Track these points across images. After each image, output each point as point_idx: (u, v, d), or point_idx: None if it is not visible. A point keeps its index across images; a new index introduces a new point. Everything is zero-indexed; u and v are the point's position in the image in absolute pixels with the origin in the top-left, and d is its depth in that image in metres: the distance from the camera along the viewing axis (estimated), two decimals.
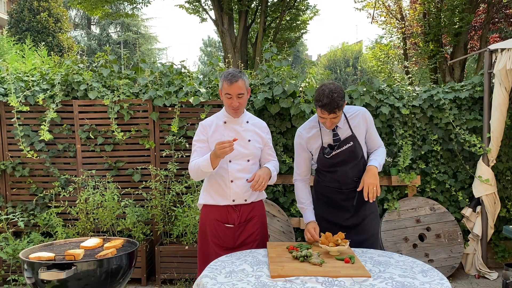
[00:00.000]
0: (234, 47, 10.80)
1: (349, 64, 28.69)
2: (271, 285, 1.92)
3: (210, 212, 2.64)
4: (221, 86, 2.57)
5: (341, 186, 2.72)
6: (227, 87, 2.52)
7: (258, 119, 2.78)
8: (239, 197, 2.60)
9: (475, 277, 4.22)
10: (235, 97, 2.53)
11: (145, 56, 22.02)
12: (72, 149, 4.29)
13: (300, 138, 2.74)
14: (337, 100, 2.43)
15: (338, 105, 2.44)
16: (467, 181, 4.42)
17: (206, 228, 2.65)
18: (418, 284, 1.93)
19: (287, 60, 4.60)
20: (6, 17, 18.99)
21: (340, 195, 2.73)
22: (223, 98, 2.58)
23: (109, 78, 4.45)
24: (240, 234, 2.64)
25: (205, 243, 2.66)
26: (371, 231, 2.75)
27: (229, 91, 2.52)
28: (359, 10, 12.82)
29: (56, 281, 2.49)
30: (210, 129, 2.63)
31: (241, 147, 2.60)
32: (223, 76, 2.55)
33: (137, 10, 19.19)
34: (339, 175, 2.71)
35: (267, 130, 2.76)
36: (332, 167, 2.71)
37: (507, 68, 3.91)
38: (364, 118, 2.68)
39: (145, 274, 4.05)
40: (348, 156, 2.66)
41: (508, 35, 10.63)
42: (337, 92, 2.45)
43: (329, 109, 2.44)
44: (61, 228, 4.00)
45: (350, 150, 2.65)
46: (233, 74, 2.53)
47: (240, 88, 2.52)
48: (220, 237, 2.62)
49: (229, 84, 2.51)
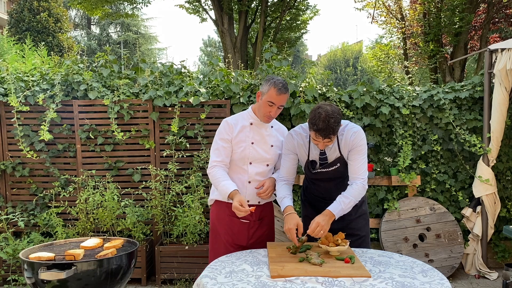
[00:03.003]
0: (234, 47, 10.80)
1: (349, 64, 28.68)
2: (271, 285, 1.92)
3: (223, 209, 2.62)
4: (267, 91, 2.50)
5: (324, 197, 2.70)
6: (275, 96, 2.47)
7: (280, 124, 2.80)
8: (254, 198, 2.64)
9: (475, 277, 4.22)
10: (276, 108, 2.51)
11: (145, 56, 22.03)
12: (72, 149, 4.28)
13: (291, 139, 2.64)
14: (333, 125, 2.33)
15: (333, 130, 2.34)
16: (467, 181, 4.42)
17: (217, 226, 2.63)
18: (418, 284, 1.93)
19: (287, 60, 4.60)
20: (6, 17, 18.98)
21: (323, 204, 2.64)
22: (263, 103, 2.52)
23: (109, 78, 4.45)
24: (254, 232, 2.67)
25: (217, 241, 2.64)
26: (358, 233, 2.73)
27: (275, 100, 2.48)
28: (359, 10, 12.83)
29: (56, 281, 2.49)
30: (236, 128, 2.58)
31: (264, 152, 2.61)
32: (273, 83, 2.48)
33: (137, 10, 19.18)
34: (322, 190, 2.70)
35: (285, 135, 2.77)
36: (316, 181, 2.69)
37: (507, 68, 3.91)
38: (351, 139, 2.52)
39: (145, 274, 4.05)
40: (333, 175, 2.62)
41: (508, 35, 10.63)
42: (334, 116, 2.33)
43: (324, 135, 2.35)
44: (61, 228, 4.00)
45: (335, 170, 2.60)
46: (284, 85, 2.49)
47: (284, 100, 2.52)
48: (234, 233, 2.61)
49: (279, 94, 2.47)
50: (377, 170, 4.40)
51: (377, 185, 4.38)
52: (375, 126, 4.35)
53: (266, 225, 2.73)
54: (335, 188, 2.63)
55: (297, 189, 4.37)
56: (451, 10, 10.03)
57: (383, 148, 4.39)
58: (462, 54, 10.25)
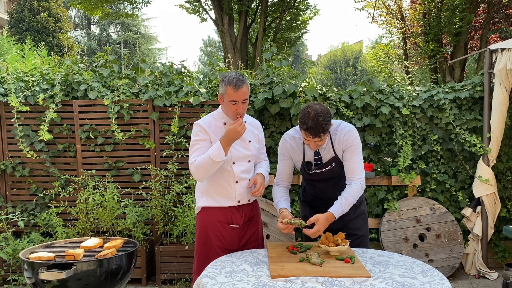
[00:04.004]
0: (234, 47, 10.80)
1: (349, 64, 28.70)
2: (271, 285, 1.92)
3: (212, 215, 2.56)
4: (224, 91, 2.40)
5: (322, 197, 2.72)
6: (233, 94, 2.36)
7: (252, 118, 2.74)
8: (244, 197, 2.59)
9: (475, 277, 4.22)
10: (240, 103, 2.40)
11: (145, 56, 22.02)
12: (72, 149, 4.28)
13: (284, 143, 2.65)
14: (322, 124, 2.32)
15: (323, 129, 2.34)
16: (467, 181, 4.41)
17: (208, 231, 2.56)
18: (418, 284, 1.93)
19: (287, 60, 4.60)
20: (6, 17, 18.98)
21: (321, 204, 2.68)
22: (226, 105, 2.42)
23: (109, 78, 4.45)
24: (244, 234, 2.63)
25: (207, 247, 2.57)
26: (357, 233, 2.73)
27: (235, 98, 2.37)
28: (359, 10, 12.81)
29: (56, 281, 2.49)
30: (210, 129, 2.52)
31: (244, 149, 2.56)
32: (226, 81, 2.38)
33: (137, 10, 19.17)
34: (319, 191, 2.71)
35: (260, 128, 2.73)
36: (313, 182, 2.70)
37: (507, 68, 3.91)
38: (344, 139, 2.53)
39: (145, 274, 4.05)
40: (329, 175, 2.62)
41: (508, 35, 10.62)
42: (323, 115, 2.33)
43: (314, 133, 2.35)
44: (61, 228, 4.00)
45: (331, 170, 2.60)
46: (238, 79, 2.37)
47: (245, 93, 2.40)
48: (225, 239, 2.55)
49: (236, 90, 2.35)
50: (377, 170, 4.40)
51: (377, 185, 4.38)
52: (375, 126, 4.35)
53: (254, 225, 2.68)
54: (332, 188, 2.64)
55: (297, 189, 4.37)
56: (451, 10, 10.03)
57: (383, 148, 4.39)
58: (462, 54, 10.24)
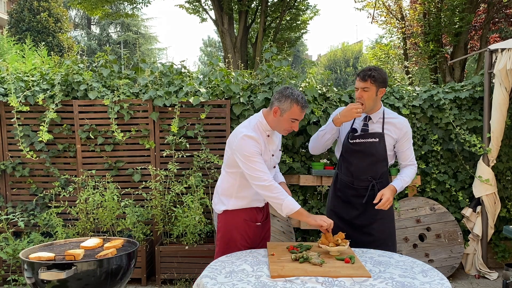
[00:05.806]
0: (234, 47, 10.80)
1: (349, 64, 28.71)
2: (271, 285, 1.92)
3: (237, 214, 2.62)
4: (289, 108, 2.43)
5: (353, 181, 2.76)
6: (299, 113, 2.45)
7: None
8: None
9: (475, 277, 4.22)
10: (298, 121, 2.50)
11: (145, 56, 22.03)
12: (72, 149, 4.28)
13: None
14: (373, 73, 2.56)
15: (371, 75, 2.56)
16: (467, 181, 4.41)
17: (233, 231, 2.61)
18: (418, 284, 1.93)
19: (287, 60, 4.60)
20: (6, 17, 18.99)
21: (351, 190, 2.77)
22: (284, 120, 2.46)
23: (109, 78, 4.45)
24: (263, 230, 2.77)
25: (231, 246, 2.60)
26: (378, 235, 2.75)
27: (299, 117, 2.47)
28: (359, 10, 12.82)
29: (56, 281, 2.49)
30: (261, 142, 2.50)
31: (276, 157, 2.68)
32: (295, 100, 2.42)
33: (137, 10, 19.17)
34: (354, 168, 2.75)
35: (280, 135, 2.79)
36: (352, 155, 2.74)
37: (507, 68, 3.91)
38: (398, 127, 2.70)
39: (145, 274, 4.05)
40: (368, 148, 2.69)
41: (508, 35, 10.62)
42: (377, 70, 2.59)
43: (362, 76, 2.57)
44: (61, 228, 4.00)
45: (372, 144, 2.69)
46: (305, 100, 2.48)
47: None
48: (250, 237, 2.66)
49: (302, 111, 2.46)
50: None
51: None
52: None
53: (269, 222, 2.86)
54: (365, 168, 2.72)
55: (297, 189, 4.38)
56: (451, 10, 10.03)
57: None
58: (462, 54, 10.24)
